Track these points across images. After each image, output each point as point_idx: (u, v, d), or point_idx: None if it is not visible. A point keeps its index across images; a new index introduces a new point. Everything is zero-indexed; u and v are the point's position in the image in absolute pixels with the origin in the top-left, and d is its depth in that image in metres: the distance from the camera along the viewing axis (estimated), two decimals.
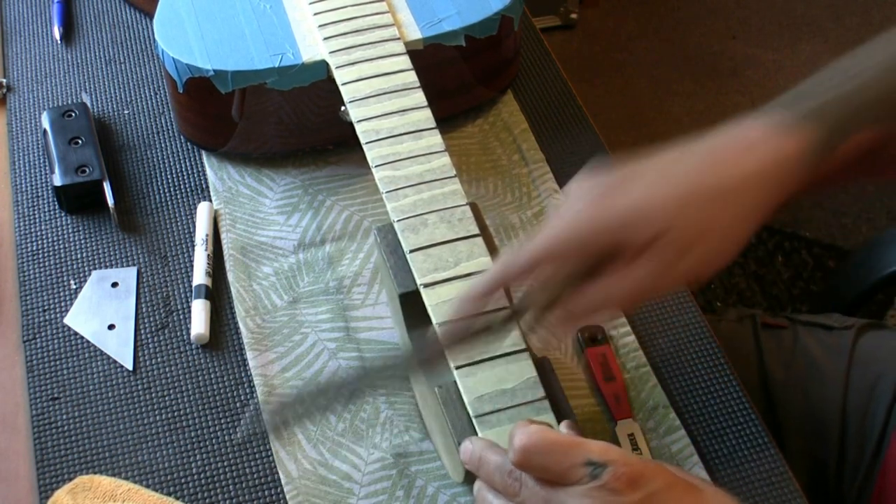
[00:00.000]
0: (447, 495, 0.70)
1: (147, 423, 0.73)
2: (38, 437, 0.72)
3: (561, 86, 0.98)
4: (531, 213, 0.87)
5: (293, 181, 0.88)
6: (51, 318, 0.79)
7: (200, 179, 0.88)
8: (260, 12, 0.86)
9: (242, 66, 0.82)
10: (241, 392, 0.75)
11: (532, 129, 0.93)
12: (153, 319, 0.79)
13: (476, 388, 0.62)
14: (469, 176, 0.89)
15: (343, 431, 0.73)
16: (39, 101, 0.94)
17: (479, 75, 0.91)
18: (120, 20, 1.02)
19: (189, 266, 0.82)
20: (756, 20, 2.36)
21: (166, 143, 0.91)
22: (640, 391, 0.75)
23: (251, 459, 0.72)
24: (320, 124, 0.87)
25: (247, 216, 0.85)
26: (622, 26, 2.35)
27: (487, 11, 0.86)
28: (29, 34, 1.01)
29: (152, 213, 0.86)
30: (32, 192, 0.87)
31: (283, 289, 0.81)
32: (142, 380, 0.75)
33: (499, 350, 0.64)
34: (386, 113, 0.77)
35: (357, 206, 0.86)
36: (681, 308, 0.81)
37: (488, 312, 0.64)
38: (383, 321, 0.79)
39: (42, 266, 0.82)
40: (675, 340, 0.79)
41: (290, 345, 0.77)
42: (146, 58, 0.98)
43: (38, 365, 0.76)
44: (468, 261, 0.68)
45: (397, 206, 0.71)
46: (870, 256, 1.04)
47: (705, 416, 0.74)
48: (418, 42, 0.84)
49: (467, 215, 0.70)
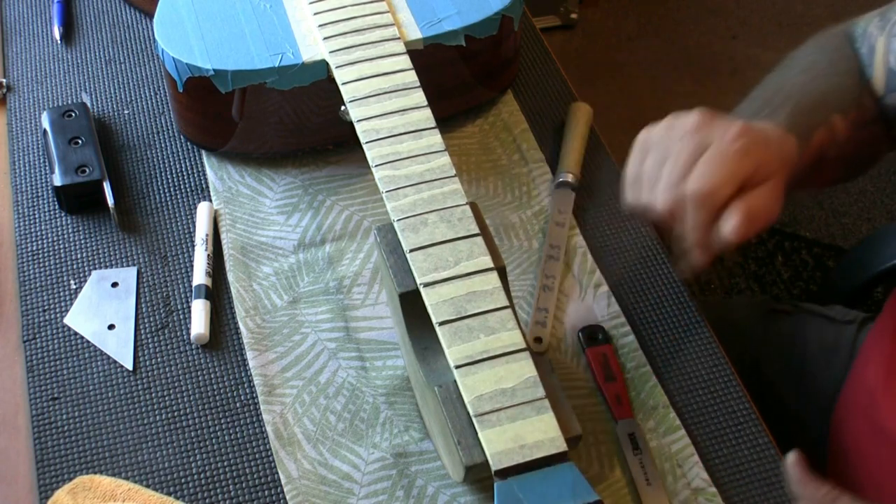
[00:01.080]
0: (447, 495, 0.70)
1: (147, 423, 0.73)
2: (38, 437, 0.72)
3: (561, 86, 0.98)
4: (531, 213, 0.87)
5: (293, 181, 0.88)
6: (51, 318, 0.79)
7: (200, 179, 0.88)
8: (260, 12, 0.86)
9: (242, 65, 0.82)
10: (241, 392, 0.75)
11: (532, 129, 0.93)
12: (153, 319, 0.79)
13: (476, 388, 0.62)
14: (469, 176, 0.89)
15: (343, 431, 0.73)
16: (39, 101, 0.94)
17: (479, 75, 0.91)
18: (120, 20, 1.02)
19: (189, 266, 0.82)
20: (756, 20, 2.36)
21: (166, 143, 0.91)
22: (640, 391, 0.75)
23: (251, 459, 0.71)
24: (320, 124, 0.87)
25: (247, 216, 0.85)
26: (622, 26, 2.35)
27: (487, 11, 0.86)
28: (29, 34, 1.01)
29: (152, 213, 0.86)
30: (32, 192, 0.87)
31: (283, 289, 0.81)
32: (142, 380, 0.75)
33: (499, 349, 0.64)
34: (386, 112, 0.77)
35: (357, 206, 0.86)
36: (681, 308, 0.81)
37: (487, 312, 0.65)
38: (383, 321, 0.79)
39: (42, 266, 0.82)
40: (675, 340, 0.79)
41: (290, 345, 0.77)
42: (146, 58, 0.98)
43: (38, 365, 0.76)
44: (468, 260, 0.68)
45: (397, 206, 0.71)
46: (867, 252, 1.04)
47: (705, 416, 0.74)
48: (418, 42, 0.84)
49: (467, 215, 0.70)
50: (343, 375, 0.76)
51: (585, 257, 0.84)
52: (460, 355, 0.63)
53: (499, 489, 0.59)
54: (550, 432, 0.61)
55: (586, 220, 0.87)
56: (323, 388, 0.75)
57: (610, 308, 0.80)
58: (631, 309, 0.81)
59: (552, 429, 0.61)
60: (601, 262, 0.84)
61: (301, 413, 0.74)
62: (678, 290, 0.82)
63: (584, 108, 0.93)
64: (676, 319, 0.80)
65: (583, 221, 0.87)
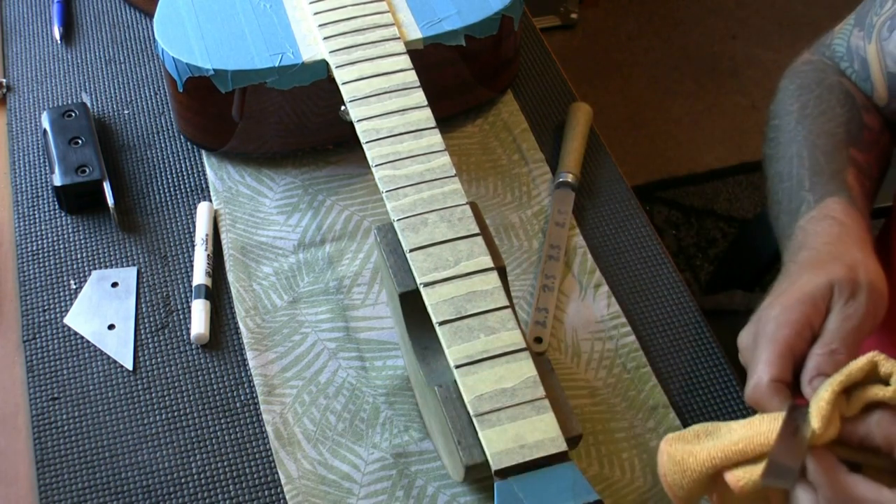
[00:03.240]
0: (447, 495, 0.70)
1: (147, 423, 0.73)
2: (38, 437, 0.72)
3: (561, 86, 0.98)
4: (531, 213, 0.87)
5: (293, 181, 0.88)
6: (51, 318, 0.79)
7: (200, 179, 0.88)
8: (260, 12, 0.86)
9: (242, 65, 0.82)
10: (241, 392, 0.75)
11: (532, 129, 0.93)
12: (153, 319, 0.79)
13: (476, 387, 0.62)
14: (469, 175, 0.89)
15: (343, 431, 0.73)
16: (39, 101, 0.94)
17: (479, 75, 0.91)
18: (120, 20, 1.02)
19: (189, 266, 0.82)
20: (756, 20, 2.37)
21: (166, 143, 0.91)
22: (640, 391, 0.75)
23: (251, 459, 0.71)
24: (320, 124, 0.87)
25: (247, 216, 0.85)
26: (622, 26, 2.35)
27: (487, 11, 0.86)
28: (29, 34, 1.01)
29: (152, 213, 0.86)
30: (32, 192, 0.87)
31: (283, 289, 0.81)
32: (142, 380, 0.75)
33: (499, 349, 0.64)
34: (386, 112, 0.77)
35: (357, 206, 0.86)
36: (681, 308, 0.81)
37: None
38: (383, 321, 0.79)
39: (42, 266, 0.82)
40: (675, 340, 0.79)
41: (290, 345, 0.77)
42: (146, 58, 0.98)
43: (38, 365, 0.76)
44: (468, 260, 0.68)
45: (397, 206, 0.71)
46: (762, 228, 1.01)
47: (705, 416, 0.74)
48: (418, 42, 0.84)
49: (467, 214, 0.70)
50: (343, 375, 0.76)
51: (585, 257, 0.84)
52: (460, 355, 0.63)
53: (499, 489, 0.59)
54: (551, 432, 0.61)
55: (586, 220, 0.87)
56: (323, 388, 0.75)
57: (610, 308, 0.80)
58: (631, 309, 0.81)
59: (552, 428, 0.61)
60: (601, 262, 0.84)
61: (301, 413, 0.74)
62: (678, 290, 0.82)
63: (584, 108, 0.93)
64: (676, 319, 0.80)
65: (583, 221, 0.87)
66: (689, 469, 0.58)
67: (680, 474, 0.59)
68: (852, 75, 0.79)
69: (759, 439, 0.56)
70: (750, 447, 0.56)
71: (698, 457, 0.58)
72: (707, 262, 1.85)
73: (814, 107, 0.76)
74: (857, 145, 0.74)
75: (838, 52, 0.80)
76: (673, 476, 0.59)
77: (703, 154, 2.04)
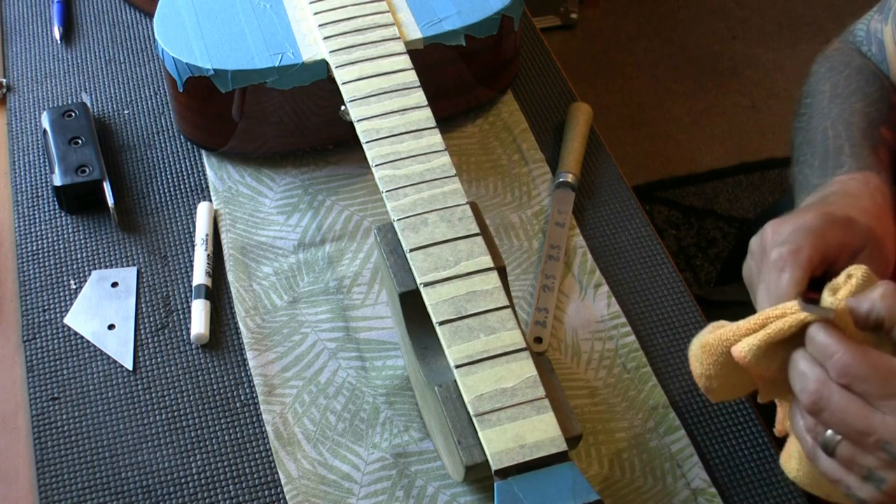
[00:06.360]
0: (447, 495, 0.70)
1: (147, 423, 0.73)
2: (38, 437, 0.72)
3: (561, 86, 0.98)
4: (531, 213, 0.87)
5: (293, 181, 0.88)
6: (51, 318, 0.79)
7: (200, 179, 0.88)
8: (260, 12, 0.86)
9: (242, 65, 0.82)
10: (241, 392, 0.75)
11: (532, 129, 0.93)
12: (153, 319, 0.79)
13: (476, 387, 0.62)
14: (469, 175, 0.89)
15: (343, 431, 0.73)
16: (39, 101, 0.94)
17: (479, 75, 0.91)
18: (120, 20, 1.02)
19: (189, 266, 0.82)
20: (756, 20, 2.36)
21: (166, 143, 0.91)
22: (640, 391, 0.75)
23: (251, 459, 0.71)
24: (320, 124, 0.87)
25: (247, 216, 0.85)
26: (622, 26, 2.35)
27: (487, 11, 0.86)
28: (29, 34, 1.01)
29: (152, 213, 0.86)
30: (32, 192, 0.87)
31: (283, 289, 0.81)
32: (142, 380, 0.75)
33: (499, 349, 0.64)
34: (386, 112, 0.77)
35: (357, 206, 0.86)
36: (681, 308, 0.81)
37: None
38: (383, 321, 0.79)
39: (42, 266, 0.82)
40: (675, 340, 0.79)
41: (290, 345, 0.77)
42: (146, 58, 0.98)
43: (38, 365, 0.76)
44: (468, 260, 0.68)
45: (397, 206, 0.71)
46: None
47: (705, 416, 0.74)
48: (418, 42, 0.84)
49: (467, 214, 0.70)
50: (343, 375, 0.76)
51: (585, 257, 0.84)
52: (460, 355, 0.63)
53: (499, 489, 0.59)
54: (551, 432, 0.61)
55: (586, 220, 0.87)
56: (323, 388, 0.75)
57: (610, 308, 0.80)
58: (631, 309, 0.81)
59: (552, 428, 0.61)
60: (601, 262, 0.84)
61: (301, 413, 0.74)
62: (678, 290, 0.82)
63: (584, 108, 0.93)
64: (676, 319, 0.80)
65: (583, 221, 0.87)
66: (707, 354, 0.59)
67: (704, 364, 0.60)
68: (872, 58, 0.80)
69: (772, 314, 0.56)
70: (761, 322, 0.57)
71: (720, 337, 0.59)
72: (707, 262, 1.85)
73: (844, 86, 0.77)
74: (886, 124, 0.74)
75: (859, 36, 0.82)
76: (699, 368, 0.60)
77: (703, 154, 2.04)
